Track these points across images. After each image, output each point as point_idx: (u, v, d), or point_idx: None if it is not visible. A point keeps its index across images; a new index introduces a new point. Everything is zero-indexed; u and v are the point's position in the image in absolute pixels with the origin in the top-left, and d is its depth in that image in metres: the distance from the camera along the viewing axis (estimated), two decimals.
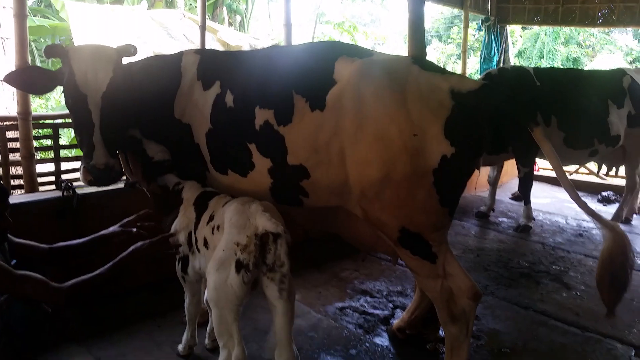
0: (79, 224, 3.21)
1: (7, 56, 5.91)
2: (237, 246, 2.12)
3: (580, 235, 5.33)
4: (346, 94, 2.27)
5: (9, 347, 2.22)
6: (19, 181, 4.17)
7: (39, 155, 4.27)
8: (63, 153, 4.60)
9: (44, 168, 4.14)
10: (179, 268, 2.61)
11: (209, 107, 2.58)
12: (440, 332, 2.94)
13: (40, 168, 3.99)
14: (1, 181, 3.88)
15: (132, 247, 2.42)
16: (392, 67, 2.33)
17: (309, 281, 3.88)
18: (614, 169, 6.04)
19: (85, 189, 3.29)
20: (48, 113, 8.93)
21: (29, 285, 2.17)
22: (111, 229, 2.69)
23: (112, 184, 2.46)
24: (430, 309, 2.82)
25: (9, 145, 4.06)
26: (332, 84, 2.32)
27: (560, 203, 6.44)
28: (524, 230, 5.36)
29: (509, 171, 6.88)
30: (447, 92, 2.20)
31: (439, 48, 21.81)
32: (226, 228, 2.21)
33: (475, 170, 2.35)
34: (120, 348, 2.87)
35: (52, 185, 4.41)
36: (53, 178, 4.39)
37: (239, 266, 2.11)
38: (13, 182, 4.20)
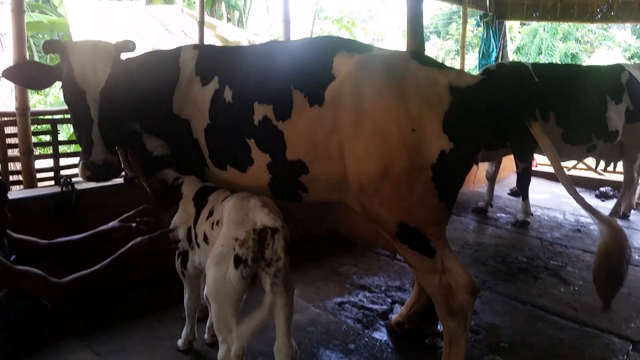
0: (78, 220, 3.21)
1: (5, 52, 5.87)
2: (236, 241, 2.13)
3: (578, 230, 5.34)
4: (345, 89, 2.27)
5: (9, 342, 2.23)
6: (17, 177, 4.17)
7: (37, 151, 4.26)
8: (62, 149, 4.58)
9: (42, 164, 4.13)
10: (178, 263, 2.61)
11: (207, 102, 2.58)
12: (438, 326, 2.95)
13: (39, 164, 3.99)
14: (0, 177, 3.87)
15: (131, 243, 2.42)
16: (390, 63, 2.32)
17: (308, 276, 3.89)
18: (612, 164, 6.05)
19: (84, 185, 3.29)
20: (47, 109, 8.92)
21: (28, 281, 2.18)
22: (110, 225, 2.70)
23: (110, 180, 2.46)
24: (428, 303, 2.83)
25: (8, 141, 4.04)
26: (331, 79, 2.31)
27: (558, 198, 6.45)
28: (522, 225, 5.37)
29: (507, 167, 6.88)
30: (445, 87, 2.20)
31: (437, 44, 21.75)
32: (225, 223, 2.21)
33: (474, 166, 2.35)
34: (120, 343, 2.88)
35: (51, 181, 4.41)
36: (52, 174, 4.38)
37: (238, 261, 2.11)
38: (12, 177, 4.19)
